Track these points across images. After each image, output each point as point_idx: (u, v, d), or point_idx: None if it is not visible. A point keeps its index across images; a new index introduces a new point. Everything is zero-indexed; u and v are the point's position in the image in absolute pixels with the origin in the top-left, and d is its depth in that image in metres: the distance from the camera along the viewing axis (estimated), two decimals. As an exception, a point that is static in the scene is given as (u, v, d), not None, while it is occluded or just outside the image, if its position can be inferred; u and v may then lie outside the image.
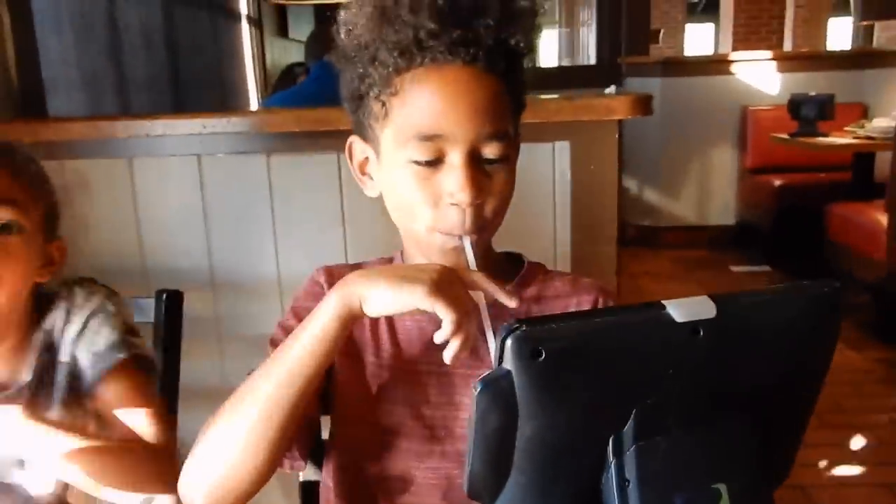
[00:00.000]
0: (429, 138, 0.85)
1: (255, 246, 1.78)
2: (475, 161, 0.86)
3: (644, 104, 1.65)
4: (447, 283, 0.76)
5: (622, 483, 0.51)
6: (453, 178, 0.85)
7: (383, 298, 0.76)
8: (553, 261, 1.75)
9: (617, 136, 1.70)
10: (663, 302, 0.51)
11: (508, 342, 0.48)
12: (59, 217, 1.06)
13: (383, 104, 0.88)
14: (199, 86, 3.55)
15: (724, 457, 0.53)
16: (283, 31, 5.85)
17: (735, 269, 4.54)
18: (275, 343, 0.94)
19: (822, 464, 2.39)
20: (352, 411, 0.96)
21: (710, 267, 4.66)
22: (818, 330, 0.56)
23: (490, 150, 0.86)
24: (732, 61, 5.07)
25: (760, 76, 4.92)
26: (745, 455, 0.54)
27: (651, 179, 5.17)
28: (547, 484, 0.53)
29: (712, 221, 5.11)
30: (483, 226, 0.87)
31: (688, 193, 5.14)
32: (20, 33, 2.13)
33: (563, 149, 1.72)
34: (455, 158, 0.85)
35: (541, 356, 0.48)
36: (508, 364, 0.49)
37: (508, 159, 0.88)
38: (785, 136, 4.18)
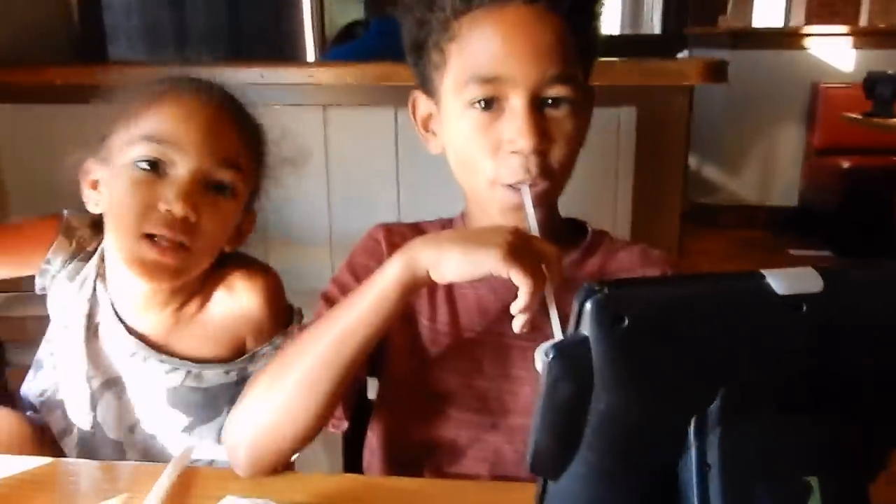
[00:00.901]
0: (488, 81, 0.80)
1: (308, 199, 1.76)
2: (537, 105, 0.81)
3: (719, 70, 1.56)
4: (522, 248, 0.71)
5: (703, 468, 0.46)
6: (513, 124, 0.80)
7: (454, 264, 0.72)
8: (611, 232, 1.68)
9: (688, 103, 1.61)
10: (763, 272, 0.46)
11: (588, 306, 0.43)
12: (264, 190, 1.03)
13: (442, 51, 0.84)
14: (256, 38, 3.53)
15: (818, 448, 0.48)
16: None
17: (794, 252, 4.37)
18: (328, 298, 0.92)
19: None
20: (403, 375, 0.93)
21: (768, 249, 4.49)
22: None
23: (555, 93, 0.81)
24: (805, 35, 4.84)
25: (834, 51, 4.69)
26: (842, 449, 0.49)
27: (712, 155, 5.00)
28: (617, 464, 0.49)
29: (773, 202, 4.93)
30: (547, 175, 0.82)
31: (750, 171, 4.96)
32: (84, -22, 2.13)
33: (629, 115, 1.65)
34: (516, 103, 0.80)
35: (623, 323, 0.43)
36: (586, 330, 0.44)
37: (576, 104, 0.82)
38: (857, 115, 3.98)
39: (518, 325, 0.72)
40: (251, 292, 1.01)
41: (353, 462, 1.04)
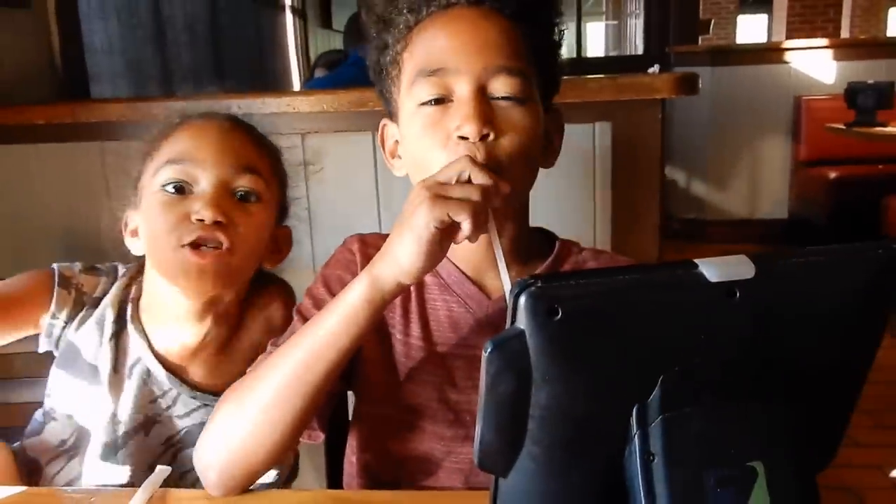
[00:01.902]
0: (433, 73, 0.81)
1: (290, 226, 1.77)
2: (483, 95, 0.81)
3: (689, 83, 1.58)
4: (444, 186, 0.72)
5: (646, 457, 0.47)
6: (459, 111, 0.80)
7: (408, 250, 0.72)
8: (593, 246, 1.69)
9: (660, 116, 1.63)
10: (696, 260, 0.47)
11: (522, 299, 0.44)
12: (289, 205, 1.07)
13: (398, 63, 0.86)
14: (241, 76, 3.58)
15: (761, 434, 0.48)
16: (326, 21, 5.86)
17: (786, 263, 4.37)
18: (300, 311, 0.92)
19: (878, 466, 2.28)
20: (377, 390, 0.93)
21: (760, 262, 4.50)
22: (871, 297, 0.50)
23: (500, 87, 0.81)
24: (786, 49, 4.91)
25: (815, 65, 4.75)
26: (784, 434, 0.49)
27: (698, 171, 5.04)
28: (564, 456, 0.49)
29: (763, 215, 4.96)
30: (499, 162, 0.80)
31: (737, 186, 4.99)
32: (65, 20, 2.16)
33: (604, 130, 1.67)
34: (461, 91, 0.81)
35: (557, 315, 0.44)
36: (521, 323, 0.45)
37: (526, 101, 0.83)
38: (841, 126, 4.01)
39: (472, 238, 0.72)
40: (284, 312, 1.04)
41: (336, 475, 1.04)
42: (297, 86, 4.36)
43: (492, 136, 0.80)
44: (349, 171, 1.75)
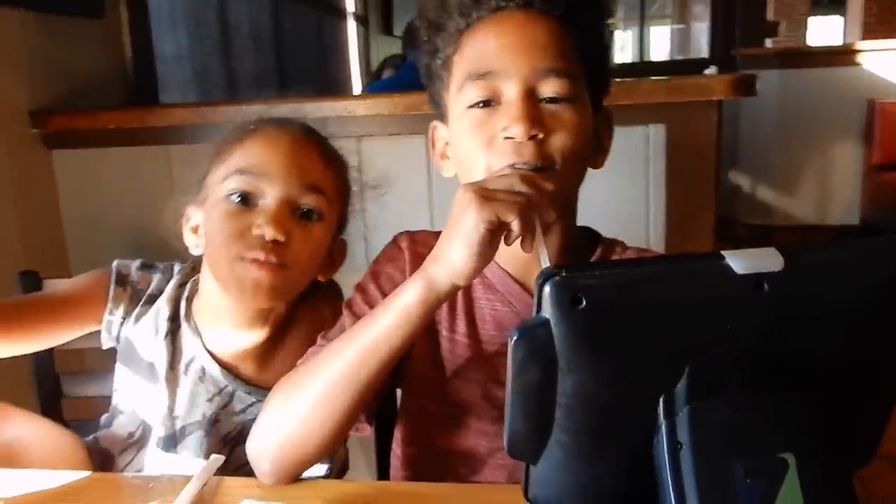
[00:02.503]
0: (482, 76, 0.82)
1: (345, 238, 1.81)
2: (532, 97, 0.82)
3: (745, 84, 1.56)
4: (489, 188, 0.73)
5: (674, 446, 0.47)
6: (507, 113, 0.81)
7: (460, 253, 0.73)
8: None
9: (717, 118, 1.61)
10: (723, 252, 0.47)
11: (546, 288, 0.45)
12: (350, 218, 1.09)
13: (448, 67, 0.87)
14: (304, 83, 3.66)
15: (789, 425, 0.48)
16: (387, 28, 5.93)
17: (857, 271, 4.22)
18: (349, 306, 0.95)
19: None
20: (423, 385, 0.95)
21: (829, 269, 4.35)
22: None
23: (549, 88, 0.82)
24: (858, 51, 4.73)
25: (890, 66, 4.57)
26: (816, 427, 0.48)
27: (765, 176, 4.90)
28: (591, 444, 0.50)
29: (833, 221, 4.79)
30: (547, 162, 0.81)
31: (806, 191, 4.84)
32: (137, 30, 2.26)
33: (658, 132, 1.65)
34: (510, 94, 0.82)
35: (581, 304, 0.45)
36: (546, 312, 0.46)
37: (574, 101, 0.83)
38: (916, 128, 3.86)
39: (528, 247, 0.73)
40: (334, 313, 1.06)
41: (385, 468, 1.06)
42: (357, 91, 4.43)
43: (540, 136, 0.81)
44: (403, 174, 1.78)
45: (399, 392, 1.00)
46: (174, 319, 1.05)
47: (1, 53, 1.83)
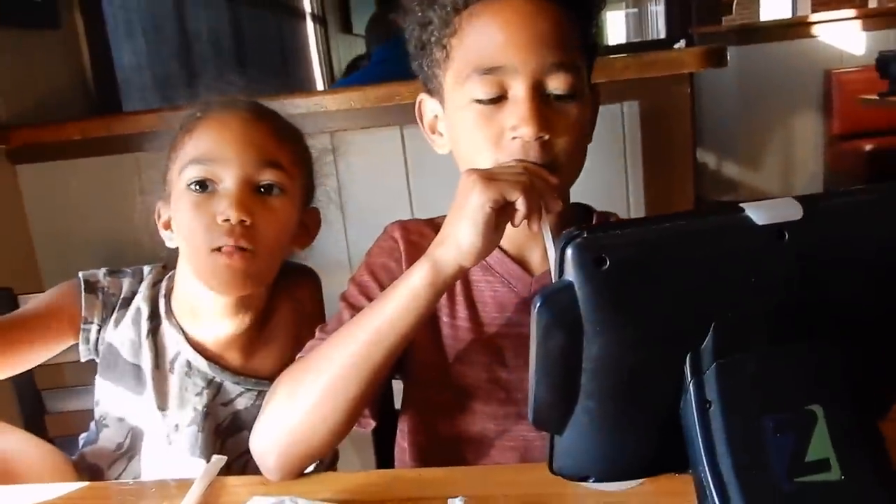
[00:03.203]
0: (488, 71, 0.80)
1: (324, 225, 1.78)
2: (540, 94, 0.80)
3: (716, 55, 1.56)
4: (492, 170, 0.74)
5: (703, 405, 0.47)
6: (515, 112, 0.80)
7: (468, 234, 0.72)
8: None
9: (689, 91, 1.62)
10: (742, 204, 0.46)
11: (569, 251, 0.44)
12: (316, 186, 1.08)
13: (444, 47, 0.85)
14: (266, 79, 3.62)
15: (818, 377, 0.48)
16: (346, 27, 5.88)
17: (825, 240, 4.29)
18: (347, 300, 0.93)
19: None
20: (427, 374, 0.94)
21: (798, 240, 4.42)
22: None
23: (556, 84, 0.81)
24: (812, 23, 4.81)
25: (844, 37, 4.65)
26: (842, 376, 0.48)
27: (730, 153, 4.97)
28: (619, 409, 0.49)
29: (798, 193, 4.84)
30: (554, 160, 0.81)
31: (770, 165, 4.91)
32: (94, 39, 2.21)
33: (632, 109, 1.65)
34: (517, 91, 0.80)
35: (605, 265, 0.44)
36: (570, 275, 0.45)
37: (579, 96, 0.82)
38: (874, 97, 3.93)
39: (535, 225, 0.73)
40: (312, 298, 1.07)
41: (384, 462, 1.05)
42: (320, 86, 4.40)
43: (546, 137, 0.80)
44: (379, 166, 1.76)
45: (402, 386, 0.99)
46: (153, 318, 1.04)
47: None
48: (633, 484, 0.68)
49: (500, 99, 0.81)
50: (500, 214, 0.72)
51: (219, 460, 0.84)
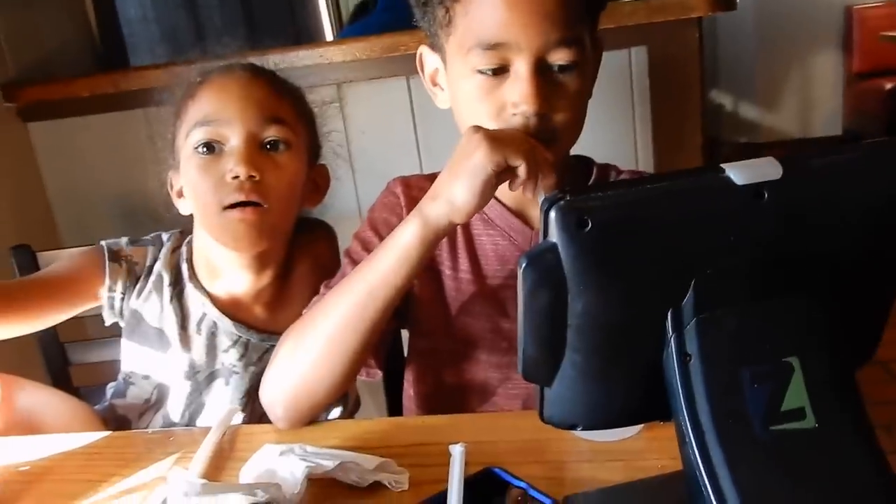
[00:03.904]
0: (491, 47, 0.81)
1: (333, 178, 1.80)
2: (542, 69, 0.81)
3: (725, -1, 1.54)
4: (498, 132, 0.75)
5: (683, 358, 0.49)
6: (517, 88, 0.80)
7: (464, 192, 0.74)
8: (635, 174, 1.68)
9: (698, 36, 1.59)
10: (722, 165, 0.47)
11: (552, 213, 0.46)
12: (321, 143, 1.10)
13: (447, 10, 0.85)
14: (274, 33, 3.59)
15: (795, 330, 0.50)
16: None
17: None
18: (349, 255, 0.95)
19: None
20: (430, 324, 0.96)
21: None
22: (903, 191, 0.50)
23: (559, 57, 0.81)
24: (833, -44, 4.66)
25: (866, -30, 4.51)
26: (819, 329, 0.50)
27: (747, 93, 4.88)
28: (604, 362, 0.51)
29: (817, 133, 4.79)
30: (552, 135, 0.82)
31: (789, 105, 4.83)
32: (98, -8, 2.19)
33: (640, 54, 1.64)
34: (520, 67, 0.80)
35: (587, 227, 0.46)
36: (554, 237, 0.46)
37: (581, 66, 0.82)
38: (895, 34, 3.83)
39: (540, 195, 0.75)
40: (331, 252, 1.09)
41: (396, 410, 1.09)
42: (329, 33, 4.34)
43: (546, 112, 0.81)
44: (387, 117, 1.76)
45: (406, 334, 1.02)
46: (176, 283, 1.06)
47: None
48: (627, 435, 0.71)
49: (501, 70, 0.82)
50: (500, 175, 0.74)
51: (232, 410, 0.88)
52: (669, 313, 0.49)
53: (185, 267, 1.07)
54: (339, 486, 0.70)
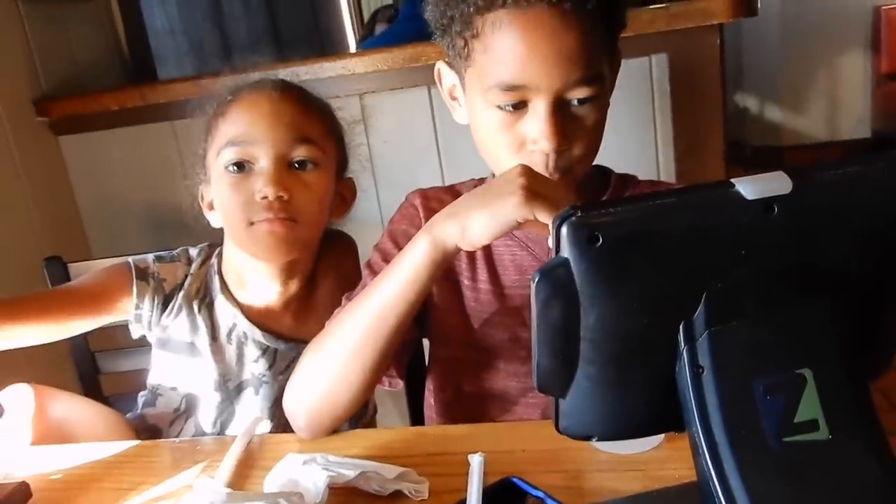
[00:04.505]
0: (511, 88, 0.81)
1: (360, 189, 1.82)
2: (560, 105, 0.81)
3: (746, 5, 1.53)
4: (539, 183, 0.73)
5: (696, 370, 0.49)
6: (537, 126, 0.81)
7: (479, 228, 0.74)
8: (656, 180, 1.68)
9: (719, 42, 1.59)
10: (732, 180, 0.48)
11: (563, 229, 0.47)
12: (349, 157, 1.12)
13: (465, 43, 0.85)
14: (298, 42, 3.63)
15: (808, 342, 0.50)
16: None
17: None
18: (370, 267, 0.97)
19: None
20: (450, 334, 0.97)
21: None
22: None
23: (579, 94, 0.81)
24: (860, -44, 4.61)
25: (896, -30, 4.45)
26: (831, 341, 0.50)
27: (772, 95, 4.83)
28: (617, 375, 0.52)
29: (844, 136, 4.72)
30: (569, 167, 0.84)
31: (815, 107, 4.76)
32: (127, 7, 2.24)
33: (660, 62, 1.64)
34: (539, 106, 0.81)
35: (598, 242, 0.47)
36: (565, 252, 0.47)
37: (600, 98, 0.83)
38: (924, 33, 3.77)
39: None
40: (354, 263, 1.12)
41: (417, 419, 1.10)
42: (352, 46, 4.38)
43: (565, 147, 0.82)
44: (408, 127, 1.78)
45: (427, 343, 1.03)
46: (206, 295, 1.09)
47: (2, 44, 1.84)
48: (648, 447, 0.71)
49: (520, 104, 0.82)
50: (522, 225, 0.73)
51: (256, 419, 0.89)
52: (681, 326, 0.49)
53: (216, 279, 1.09)
54: (361, 495, 0.71)
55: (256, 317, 1.07)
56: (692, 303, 0.49)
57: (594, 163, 0.98)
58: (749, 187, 0.48)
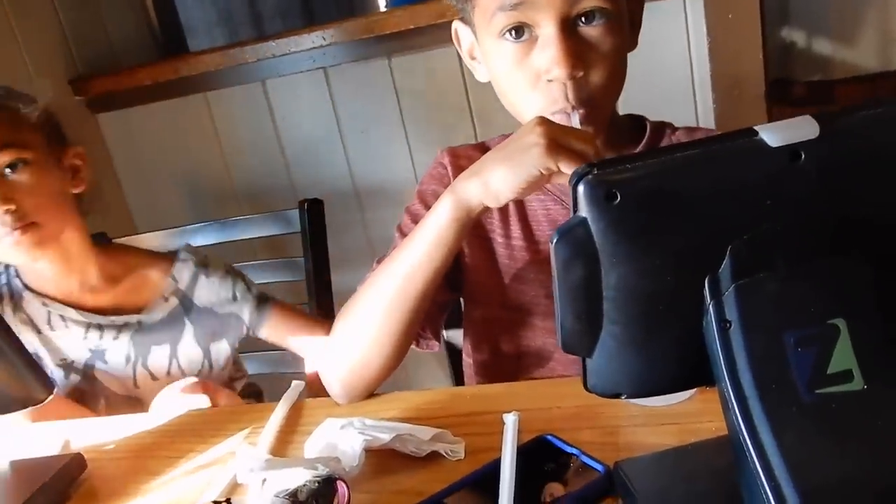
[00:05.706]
0: (513, 7, 0.78)
1: (389, 148, 1.82)
2: (569, 28, 0.78)
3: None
4: (560, 133, 0.72)
5: (723, 325, 0.48)
6: (546, 53, 0.78)
7: (504, 183, 0.73)
8: (696, 124, 1.63)
9: (757, -26, 1.52)
10: (755, 127, 0.46)
11: (580, 187, 0.46)
12: (60, 124, 1.15)
13: None
14: (327, 3, 3.59)
15: (839, 291, 0.48)
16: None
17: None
18: (401, 229, 0.97)
19: None
20: (485, 293, 0.97)
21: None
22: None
23: (586, 5, 0.77)
24: None
25: None
26: (865, 289, 0.48)
27: (821, 27, 4.59)
28: (642, 332, 0.51)
29: (897, 66, 4.51)
30: (591, 97, 0.80)
31: (866, 37, 4.51)
32: (155, -22, 2.24)
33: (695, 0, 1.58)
34: (546, 29, 0.78)
35: (616, 199, 0.46)
36: (583, 211, 0.46)
37: (613, 15, 0.79)
38: (984, -51, 3.55)
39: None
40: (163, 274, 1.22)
41: (460, 379, 1.11)
42: (383, 6, 4.31)
43: (581, 73, 0.78)
44: (439, 86, 1.76)
45: (462, 303, 1.03)
46: (12, 298, 1.14)
47: (37, 27, 1.87)
48: (678, 400, 0.71)
49: (528, 35, 0.80)
50: (546, 178, 0.72)
51: (297, 385, 0.91)
52: (706, 281, 0.48)
53: (16, 282, 1.14)
54: (397, 457, 0.72)
55: (72, 300, 1.14)
56: (717, 257, 0.48)
57: (630, 110, 0.96)
58: (773, 134, 0.46)
